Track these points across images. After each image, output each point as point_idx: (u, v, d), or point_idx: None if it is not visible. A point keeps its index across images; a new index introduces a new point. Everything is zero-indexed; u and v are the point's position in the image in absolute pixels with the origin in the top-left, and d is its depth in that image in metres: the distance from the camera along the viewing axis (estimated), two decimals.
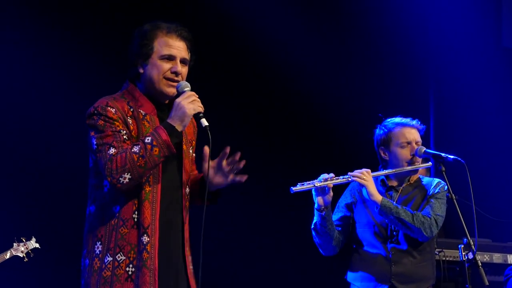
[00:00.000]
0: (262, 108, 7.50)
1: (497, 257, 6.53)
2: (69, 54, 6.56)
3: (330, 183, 4.84)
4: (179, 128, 3.59)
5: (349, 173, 4.92)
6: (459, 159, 4.89)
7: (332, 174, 4.86)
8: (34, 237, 6.25)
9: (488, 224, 6.41)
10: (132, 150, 3.49)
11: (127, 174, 3.47)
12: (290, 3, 7.54)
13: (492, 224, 6.57)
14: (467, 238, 4.73)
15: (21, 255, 6.18)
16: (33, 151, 6.59)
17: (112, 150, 3.50)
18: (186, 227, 3.74)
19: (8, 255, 6.16)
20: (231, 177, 3.77)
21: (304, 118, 7.66)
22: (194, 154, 3.89)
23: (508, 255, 6.56)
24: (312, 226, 5.00)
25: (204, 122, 3.64)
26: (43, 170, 6.57)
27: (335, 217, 5.06)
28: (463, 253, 4.81)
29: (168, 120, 3.59)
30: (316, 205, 4.92)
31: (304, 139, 7.68)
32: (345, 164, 5.31)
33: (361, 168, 4.93)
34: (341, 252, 5.10)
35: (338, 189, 5.10)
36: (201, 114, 3.64)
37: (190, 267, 3.74)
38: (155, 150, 3.50)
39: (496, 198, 7.32)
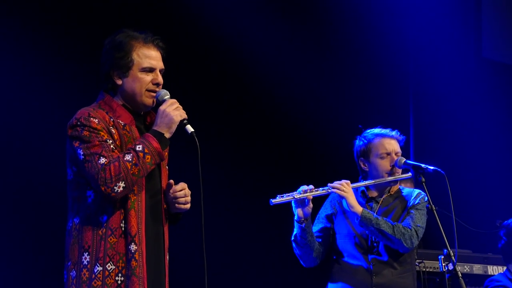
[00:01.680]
0: (240, 120, 7.48)
1: (477, 268, 6.54)
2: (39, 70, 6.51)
3: (310, 195, 4.82)
4: (167, 135, 3.61)
5: (328, 184, 4.91)
6: (439, 170, 4.88)
7: (311, 186, 4.85)
8: None
9: (468, 235, 6.41)
10: (125, 159, 3.49)
11: (122, 183, 3.48)
12: (271, 14, 7.53)
13: (472, 235, 6.58)
14: (447, 249, 4.73)
15: None
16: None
17: (102, 160, 3.49)
18: (166, 234, 3.75)
19: None
20: (176, 206, 3.77)
21: (282, 129, 7.64)
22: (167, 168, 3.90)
23: (488, 266, 6.57)
24: (292, 238, 4.98)
25: (190, 128, 3.67)
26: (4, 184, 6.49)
27: (315, 228, 5.04)
28: (444, 264, 4.81)
29: (155, 128, 3.62)
30: (295, 217, 4.90)
31: (282, 150, 7.67)
32: (325, 174, 5.30)
33: (340, 179, 4.92)
34: (321, 263, 5.09)
35: (318, 200, 5.08)
36: (185, 121, 3.66)
37: (167, 275, 3.74)
38: (147, 158, 3.53)
39: (476, 209, 7.34)
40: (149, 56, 3.69)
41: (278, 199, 4.78)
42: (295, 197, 4.80)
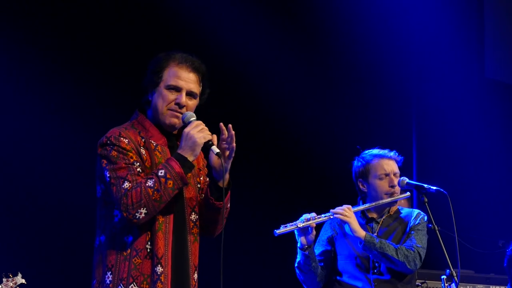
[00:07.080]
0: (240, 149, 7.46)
1: None
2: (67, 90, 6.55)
3: (313, 223, 4.81)
4: (190, 159, 3.56)
5: (331, 210, 4.89)
6: (442, 190, 4.88)
7: (313, 214, 4.83)
8: (20, 273, 6.23)
9: (471, 255, 6.40)
10: (147, 185, 3.47)
11: (143, 209, 3.46)
12: (273, 35, 7.54)
13: (475, 255, 6.57)
14: (450, 269, 4.72)
15: None
16: (20, 185, 6.54)
17: (126, 184, 3.48)
18: (195, 253, 3.71)
19: None
20: (227, 153, 3.67)
21: (281, 151, 7.63)
22: (208, 179, 3.84)
23: (491, 287, 6.56)
24: (296, 265, 4.97)
25: (215, 149, 3.61)
26: (33, 204, 6.52)
27: (316, 251, 5.02)
28: (446, 284, 4.80)
29: (179, 151, 3.57)
30: (299, 244, 4.89)
31: (283, 174, 7.64)
32: (327, 198, 5.27)
33: (342, 204, 4.91)
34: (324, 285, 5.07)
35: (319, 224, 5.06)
36: (210, 142, 3.61)
37: None
38: (169, 183, 3.49)
39: (479, 229, 7.33)
40: (178, 76, 3.67)
41: (282, 229, 4.76)
42: (299, 226, 4.78)
